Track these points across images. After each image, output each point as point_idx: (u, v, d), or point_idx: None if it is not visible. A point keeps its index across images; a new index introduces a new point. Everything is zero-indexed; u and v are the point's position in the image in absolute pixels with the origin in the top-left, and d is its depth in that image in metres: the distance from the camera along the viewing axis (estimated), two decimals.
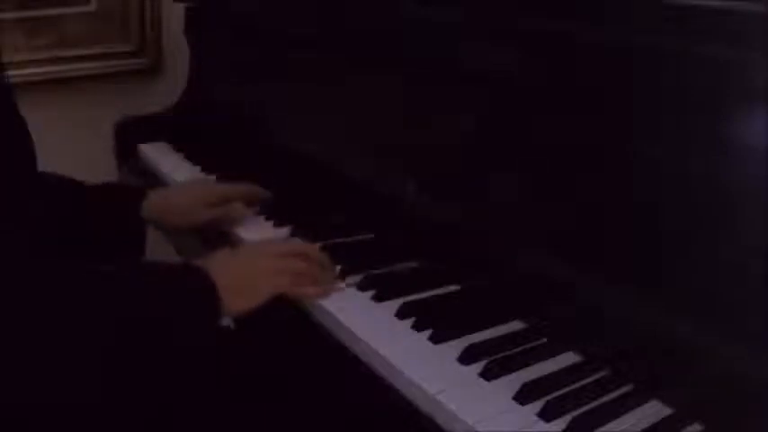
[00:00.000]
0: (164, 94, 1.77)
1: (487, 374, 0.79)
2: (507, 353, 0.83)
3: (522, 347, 0.84)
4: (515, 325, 0.89)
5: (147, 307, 0.81)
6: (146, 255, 1.15)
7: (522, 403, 0.75)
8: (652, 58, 0.78)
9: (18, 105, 0.93)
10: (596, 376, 0.80)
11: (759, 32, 0.70)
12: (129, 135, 1.62)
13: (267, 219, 1.17)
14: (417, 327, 0.87)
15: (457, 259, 0.99)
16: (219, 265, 0.88)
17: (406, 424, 0.80)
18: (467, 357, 0.81)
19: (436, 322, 0.87)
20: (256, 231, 1.14)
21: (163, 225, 1.15)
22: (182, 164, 1.49)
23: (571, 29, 0.86)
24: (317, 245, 1.04)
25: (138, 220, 1.13)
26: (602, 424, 0.73)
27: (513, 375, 0.79)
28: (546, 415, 0.73)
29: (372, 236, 1.11)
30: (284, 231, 1.13)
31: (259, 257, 0.94)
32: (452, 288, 0.97)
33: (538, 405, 0.74)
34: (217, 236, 1.16)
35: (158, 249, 1.21)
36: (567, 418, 0.73)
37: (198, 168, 1.45)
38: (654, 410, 0.75)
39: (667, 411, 0.75)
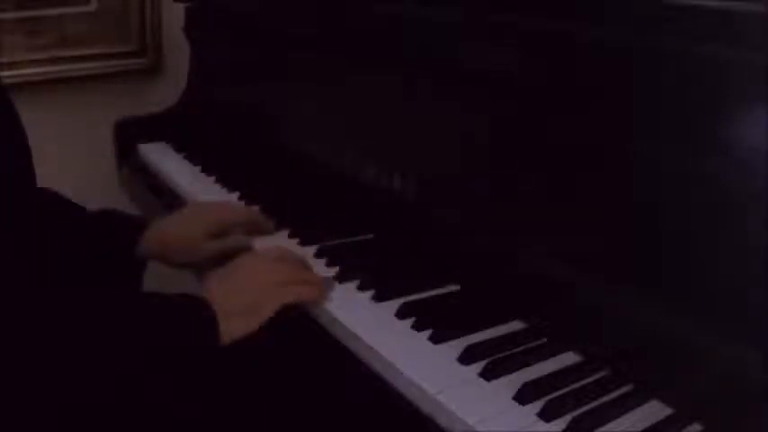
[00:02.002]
0: (164, 94, 1.77)
1: (487, 374, 0.79)
2: (507, 353, 0.83)
3: (522, 347, 0.84)
4: (515, 325, 0.89)
5: (145, 343, 0.80)
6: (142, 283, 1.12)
7: (522, 403, 0.75)
8: (652, 58, 0.78)
9: (15, 106, 0.92)
10: (596, 376, 0.80)
11: (759, 32, 0.70)
12: (129, 135, 1.62)
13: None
14: (417, 327, 0.87)
15: (457, 259, 0.99)
16: (219, 292, 0.87)
17: (406, 424, 0.80)
18: (467, 357, 0.81)
19: (436, 322, 0.87)
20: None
21: (165, 261, 1.11)
22: (182, 164, 1.49)
23: (571, 29, 0.86)
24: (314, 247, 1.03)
25: (135, 256, 1.09)
26: (602, 424, 0.73)
27: (513, 375, 0.79)
28: (546, 415, 0.73)
29: (372, 236, 1.11)
30: (284, 233, 1.13)
31: (256, 273, 0.92)
32: (452, 288, 0.97)
33: (538, 405, 0.74)
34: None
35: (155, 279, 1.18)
36: (567, 418, 0.73)
37: (198, 168, 1.45)
38: (654, 410, 0.75)
39: (667, 411, 0.75)
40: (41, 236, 0.92)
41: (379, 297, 0.93)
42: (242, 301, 0.87)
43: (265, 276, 0.91)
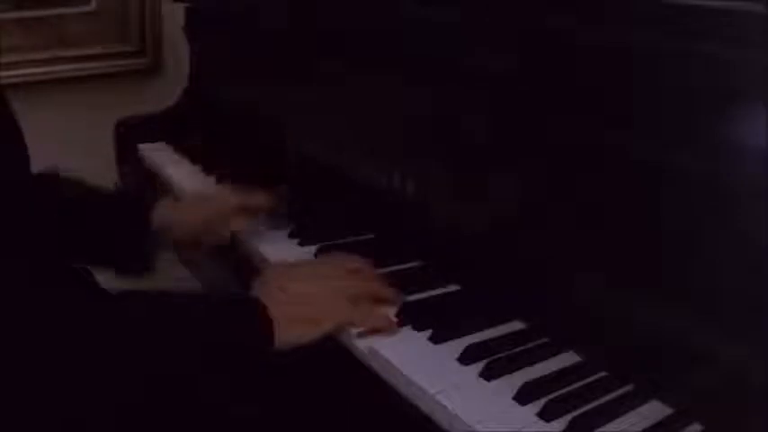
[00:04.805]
0: (164, 94, 1.77)
1: (487, 374, 0.79)
2: (507, 353, 0.83)
3: (522, 347, 0.84)
4: (515, 325, 0.89)
5: (197, 343, 0.79)
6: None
7: (522, 403, 0.75)
8: (652, 58, 0.78)
9: (12, 106, 0.92)
10: (596, 376, 0.80)
11: (759, 32, 0.70)
12: (129, 135, 1.62)
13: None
14: (417, 327, 0.87)
15: (457, 259, 0.99)
16: (283, 295, 0.84)
17: (405, 424, 0.80)
18: (467, 357, 0.81)
19: (436, 322, 0.87)
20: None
21: (173, 238, 1.11)
22: (182, 164, 1.49)
23: (571, 29, 0.86)
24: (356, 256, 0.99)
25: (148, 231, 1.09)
26: (602, 424, 0.73)
27: (514, 375, 0.79)
28: (546, 415, 0.73)
29: (372, 236, 1.11)
30: (284, 233, 1.13)
31: (326, 282, 0.89)
32: (452, 288, 0.97)
33: (538, 405, 0.74)
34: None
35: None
36: (567, 418, 0.73)
37: (198, 168, 1.45)
38: (654, 410, 0.75)
39: (667, 411, 0.75)
40: (42, 229, 0.92)
41: None
42: (305, 310, 0.85)
43: (333, 287, 0.88)
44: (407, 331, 0.87)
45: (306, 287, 0.88)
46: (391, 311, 0.89)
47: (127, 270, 1.09)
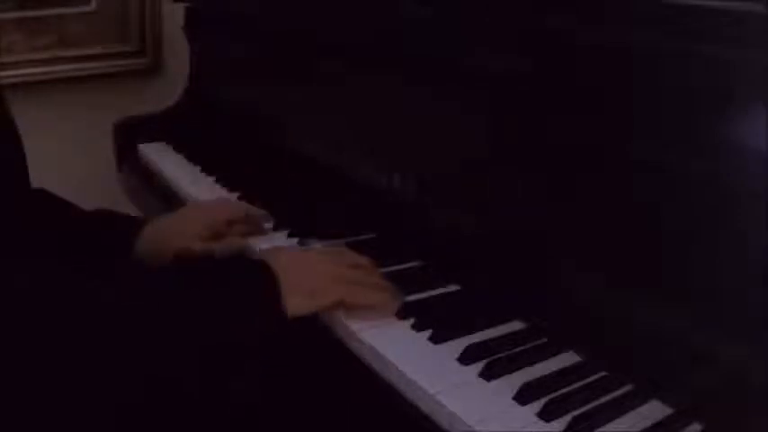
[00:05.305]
0: (164, 94, 1.77)
1: (487, 374, 0.79)
2: (507, 353, 0.83)
3: (522, 347, 0.84)
4: (515, 325, 0.89)
5: (206, 309, 0.81)
6: None
7: (522, 403, 0.75)
8: (652, 58, 0.78)
9: (10, 105, 0.91)
10: (596, 376, 0.80)
11: (759, 32, 0.70)
12: (129, 135, 1.62)
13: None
14: (417, 327, 0.87)
15: (457, 259, 0.99)
16: (286, 270, 0.86)
17: (405, 424, 0.80)
18: (467, 357, 0.81)
19: (436, 322, 0.87)
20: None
21: (160, 261, 1.08)
22: (182, 164, 1.49)
23: (571, 29, 0.86)
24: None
25: (131, 255, 1.07)
26: (602, 424, 0.73)
27: (513, 375, 0.79)
28: (546, 415, 0.73)
29: (373, 236, 1.11)
30: (284, 233, 1.13)
31: (326, 263, 0.92)
32: (452, 288, 0.97)
33: (538, 405, 0.74)
34: None
35: None
36: (567, 418, 0.73)
37: (198, 168, 1.44)
38: (654, 410, 0.75)
39: (667, 411, 0.75)
40: (37, 237, 0.92)
41: None
42: (307, 282, 0.87)
43: (335, 269, 0.91)
44: (407, 331, 0.87)
45: (308, 262, 0.90)
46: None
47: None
